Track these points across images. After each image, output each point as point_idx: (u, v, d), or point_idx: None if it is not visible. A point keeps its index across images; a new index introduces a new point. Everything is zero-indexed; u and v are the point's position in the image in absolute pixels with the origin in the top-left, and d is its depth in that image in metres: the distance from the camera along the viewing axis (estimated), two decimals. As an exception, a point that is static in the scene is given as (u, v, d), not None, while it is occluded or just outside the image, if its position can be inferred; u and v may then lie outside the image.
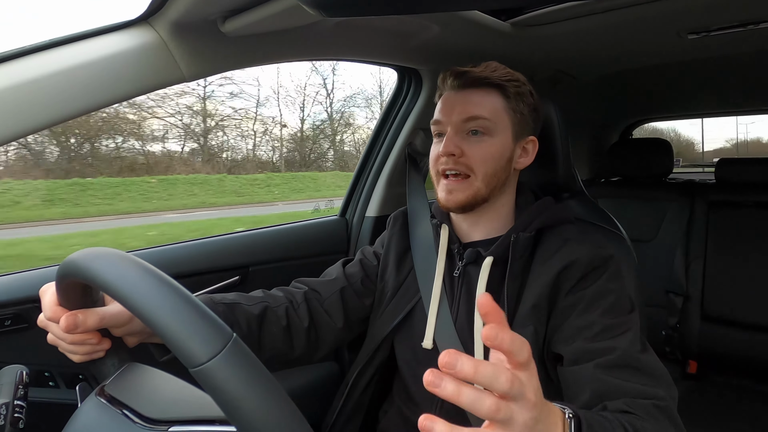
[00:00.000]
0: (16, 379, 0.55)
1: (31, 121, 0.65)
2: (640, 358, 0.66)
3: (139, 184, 12.57)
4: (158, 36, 0.75)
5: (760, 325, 1.66)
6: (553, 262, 0.76)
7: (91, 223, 9.27)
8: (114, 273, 0.43)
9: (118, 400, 0.52)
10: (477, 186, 0.79)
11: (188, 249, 1.15)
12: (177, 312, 0.40)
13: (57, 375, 0.94)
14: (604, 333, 0.69)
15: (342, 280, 0.93)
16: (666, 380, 0.65)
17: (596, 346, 0.68)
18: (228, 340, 0.39)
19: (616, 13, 1.03)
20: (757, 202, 1.78)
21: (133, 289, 0.42)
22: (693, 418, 1.53)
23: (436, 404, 0.83)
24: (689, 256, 1.83)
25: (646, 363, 0.66)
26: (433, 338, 0.82)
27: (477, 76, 0.80)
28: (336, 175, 17.20)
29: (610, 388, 0.63)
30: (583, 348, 0.68)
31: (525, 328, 0.74)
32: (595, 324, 0.70)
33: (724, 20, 1.09)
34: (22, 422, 0.53)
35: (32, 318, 0.89)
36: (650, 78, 1.83)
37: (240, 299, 0.82)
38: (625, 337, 0.68)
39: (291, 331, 0.85)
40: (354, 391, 0.92)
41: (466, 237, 0.87)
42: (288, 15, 0.76)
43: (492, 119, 0.79)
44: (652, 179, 2.03)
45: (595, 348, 0.67)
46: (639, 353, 0.67)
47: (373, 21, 0.95)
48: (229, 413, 0.38)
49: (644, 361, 0.66)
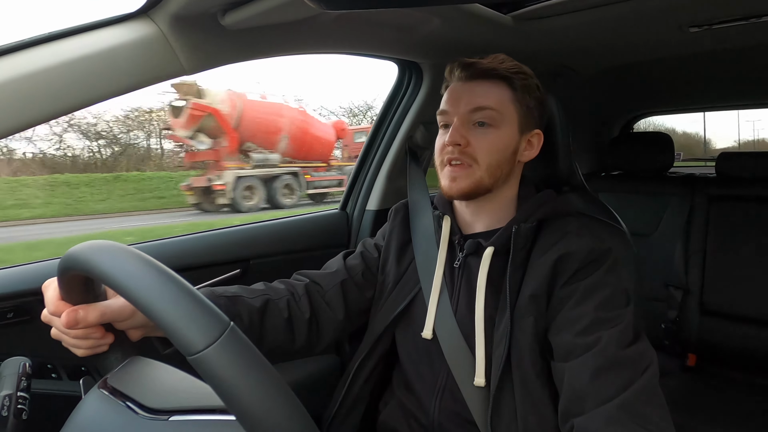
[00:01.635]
0: (19, 370, 0.56)
1: (31, 114, 0.65)
2: (624, 354, 0.66)
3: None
4: (158, 29, 0.75)
5: (760, 318, 1.67)
6: (551, 253, 0.76)
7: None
8: (112, 264, 0.44)
9: (120, 392, 0.52)
10: (480, 175, 0.79)
11: (189, 242, 1.15)
12: (174, 301, 0.40)
13: (59, 367, 0.95)
14: (594, 326, 0.69)
15: (343, 273, 0.93)
16: (648, 369, 0.66)
17: (585, 340, 0.68)
18: (225, 328, 0.39)
19: (618, 7, 1.03)
20: (758, 196, 1.77)
21: (130, 279, 0.42)
22: (692, 411, 1.54)
23: (435, 395, 0.84)
24: (689, 249, 1.83)
25: (629, 357, 0.66)
26: (433, 328, 0.83)
27: (484, 67, 0.80)
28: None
29: (588, 394, 0.64)
30: (573, 342, 0.69)
31: (525, 319, 0.75)
32: (586, 316, 0.70)
33: (726, 14, 1.09)
34: (26, 414, 0.53)
35: (34, 310, 0.90)
36: (651, 72, 1.82)
37: (241, 292, 0.82)
38: (616, 329, 0.68)
39: (292, 324, 0.85)
40: (355, 382, 0.92)
41: (468, 228, 0.88)
42: (288, 8, 0.75)
43: (498, 110, 0.79)
44: (652, 173, 2.03)
45: (584, 342, 0.68)
46: (626, 347, 0.67)
47: (373, 14, 0.94)
48: (227, 401, 0.38)
49: (628, 355, 0.66)
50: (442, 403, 0.83)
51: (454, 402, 0.82)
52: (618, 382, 0.64)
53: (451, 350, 0.81)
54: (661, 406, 0.63)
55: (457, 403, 0.81)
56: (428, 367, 0.85)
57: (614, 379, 0.64)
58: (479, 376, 0.77)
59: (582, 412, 0.64)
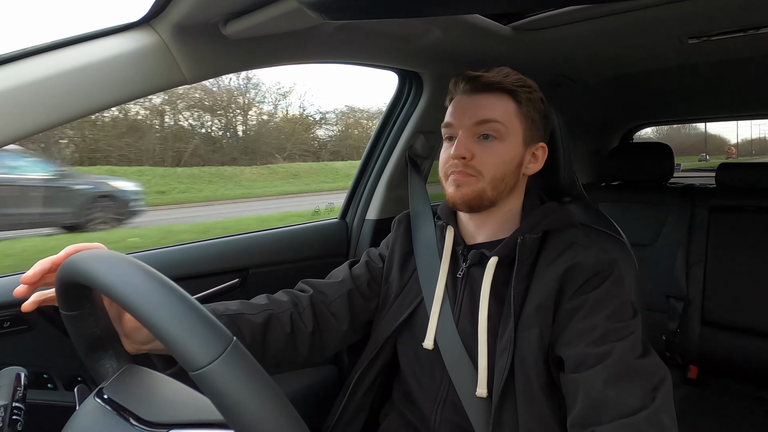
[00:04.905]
0: (14, 381, 0.55)
1: (33, 122, 0.65)
2: (638, 363, 0.66)
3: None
4: (160, 38, 0.76)
5: (761, 330, 1.66)
6: (557, 264, 0.76)
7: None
8: (114, 275, 0.43)
9: (116, 403, 0.52)
10: (483, 186, 0.79)
11: (188, 251, 1.15)
12: (177, 315, 0.40)
13: (56, 377, 0.94)
14: (607, 337, 0.68)
15: (349, 282, 0.93)
16: (664, 381, 0.65)
17: (597, 350, 0.67)
18: (228, 344, 0.39)
19: (617, 18, 1.04)
20: (758, 206, 1.77)
21: (133, 291, 0.41)
22: (693, 423, 1.53)
23: (437, 407, 0.83)
24: (690, 260, 1.83)
25: (644, 367, 0.66)
26: (434, 338, 0.82)
27: (489, 80, 0.81)
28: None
29: (606, 402, 0.63)
30: (585, 352, 0.68)
31: (530, 330, 0.74)
32: (598, 327, 0.69)
33: (725, 25, 1.10)
34: (21, 424, 0.53)
35: (31, 320, 0.89)
36: (650, 82, 1.83)
37: (243, 309, 0.81)
38: (627, 341, 0.68)
39: (295, 337, 0.85)
40: (355, 393, 0.91)
41: (471, 239, 0.87)
42: (290, 18, 0.76)
43: (503, 123, 0.79)
44: (652, 183, 2.03)
45: (596, 353, 0.67)
46: (638, 358, 0.67)
47: (374, 24, 0.95)
48: (229, 417, 0.37)
49: (642, 366, 0.66)
50: (444, 415, 0.82)
51: (455, 413, 0.81)
52: (638, 393, 0.63)
53: (453, 361, 0.80)
54: (675, 420, 0.63)
55: (459, 415, 0.80)
56: (429, 378, 0.84)
57: (634, 389, 0.63)
58: (481, 387, 0.76)
59: (601, 420, 0.62)
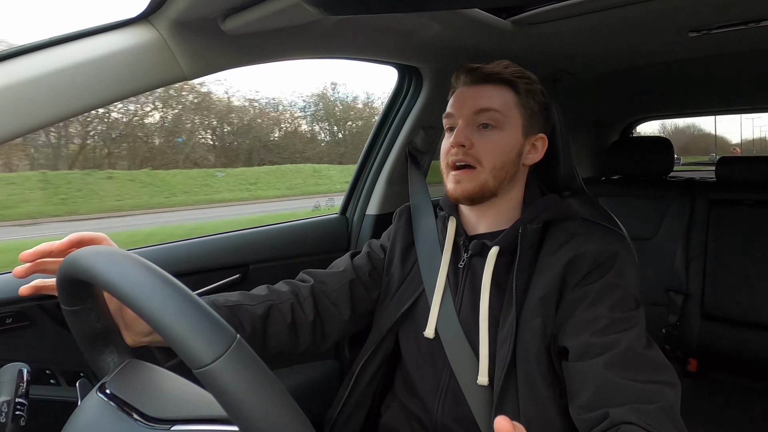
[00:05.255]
0: (17, 376, 0.55)
1: (31, 119, 0.65)
2: (645, 353, 0.67)
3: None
4: (158, 34, 0.75)
5: (761, 323, 1.66)
6: (560, 254, 0.77)
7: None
8: (117, 272, 0.43)
9: (119, 398, 0.52)
10: (484, 177, 0.80)
11: (189, 247, 1.15)
12: (181, 313, 0.40)
13: (58, 373, 0.94)
14: (612, 327, 0.69)
15: (351, 272, 0.94)
16: (671, 375, 0.66)
17: (603, 340, 0.68)
18: (232, 342, 0.39)
19: (617, 11, 1.03)
20: (758, 200, 1.77)
21: (136, 289, 0.41)
22: (693, 416, 1.53)
23: (438, 397, 0.83)
24: (689, 254, 1.83)
25: (651, 358, 0.67)
26: (436, 328, 0.83)
27: (489, 71, 0.82)
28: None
29: (615, 387, 0.64)
30: (590, 342, 0.69)
31: (533, 321, 0.75)
32: (602, 317, 0.70)
33: (726, 18, 1.09)
34: (24, 420, 0.53)
35: (33, 316, 0.89)
36: (651, 76, 1.82)
37: (243, 299, 0.82)
38: (632, 332, 0.69)
39: (296, 327, 0.86)
40: (357, 385, 0.92)
41: (473, 230, 0.88)
42: (289, 13, 0.75)
43: (502, 112, 0.80)
44: (652, 177, 2.03)
45: (602, 342, 0.68)
46: (644, 349, 0.68)
47: (373, 19, 0.94)
48: (233, 414, 0.38)
49: (649, 357, 0.67)
50: (445, 405, 0.83)
51: (456, 403, 0.81)
52: (647, 379, 0.64)
53: (454, 350, 0.81)
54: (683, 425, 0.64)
55: (460, 405, 0.80)
56: (431, 368, 0.85)
57: (642, 376, 0.64)
58: (482, 375, 0.77)
59: (612, 404, 0.63)
